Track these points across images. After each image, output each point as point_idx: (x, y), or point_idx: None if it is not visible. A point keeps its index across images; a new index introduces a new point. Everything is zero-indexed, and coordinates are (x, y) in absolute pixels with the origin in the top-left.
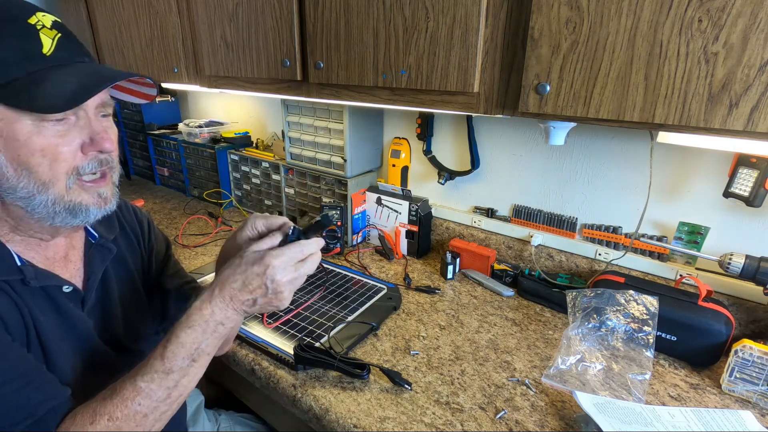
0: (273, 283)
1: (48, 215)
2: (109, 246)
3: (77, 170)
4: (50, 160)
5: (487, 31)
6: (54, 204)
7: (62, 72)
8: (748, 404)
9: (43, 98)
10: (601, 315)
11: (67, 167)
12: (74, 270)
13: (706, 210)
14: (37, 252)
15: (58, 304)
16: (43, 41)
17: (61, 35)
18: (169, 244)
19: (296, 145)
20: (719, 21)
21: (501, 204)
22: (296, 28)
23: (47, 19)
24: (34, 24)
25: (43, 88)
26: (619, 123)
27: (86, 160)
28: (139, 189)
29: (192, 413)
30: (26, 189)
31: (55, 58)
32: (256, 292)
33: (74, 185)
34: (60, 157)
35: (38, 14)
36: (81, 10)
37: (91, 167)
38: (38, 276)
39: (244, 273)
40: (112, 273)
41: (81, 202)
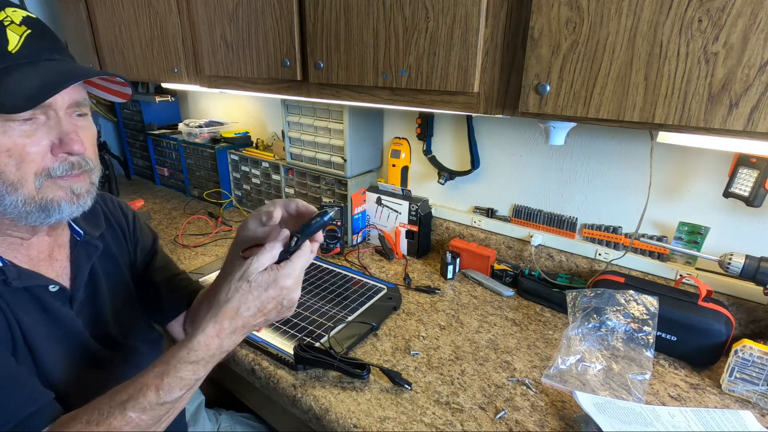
0: (289, 302)
1: (20, 215)
2: (95, 243)
3: (47, 171)
4: (17, 160)
5: (487, 31)
6: (24, 204)
7: (26, 70)
8: (748, 404)
9: (4, 97)
10: (601, 315)
11: (36, 168)
12: (60, 269)
13: (706, 210)
14: (19, 252)
15: (45, 303)
16: (9, 38)
17: (30, 32)
18: (156, 237)
19: (296, 145)
20: (719, 21)
21: (501, 204)
22: (296, 28)
23: (17, 15)
24: (1, 20)
25: (4, 86)
26: (619, 123)
27: (56, 161)
28: (139, 189)
29: (192, 413)
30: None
31: (21, 56)
32: (270, 314)
33: (44, 184)
34: (27, 158)
35: (7, 10)
36: (81, 10)
37: (62, 169)
38: (21, 276)
39: (258, 299)
40: (100, 269)
41: (52, 198)
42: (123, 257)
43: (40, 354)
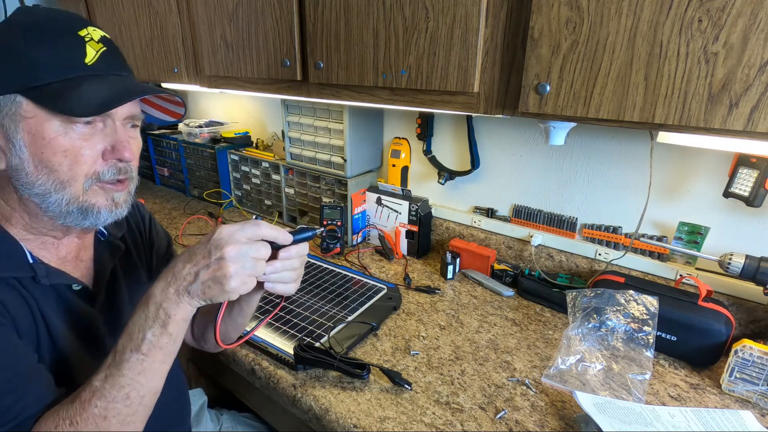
0: (217, 250)
1: (60, 214)
2: (118, 243)
3: (97, 175)
4: (71, 160)
5: (487, 31)
6: (68, 203)
7: (97, 81)
8: (748, 404)
9: (76, 102)
10: (601, 315)
11: (87, 170)
12: (84, 269)
13: (706, 210)
14: (49, 251)
15: (68, 301)
16: (87, 52)
17: (105, 49)
18: (171, 240)
19: (296, 145)
20: (719, 21)
21: (501, 204)
22: (296, 28)
23: (96, 34)
24: (83, 36)
25: (77, 93)
26: (619, 123)
27: (106, 166)
28: (139, 189)
29: (195, 413)
30: (43, 186)
31: (94, 68)
32: (199, 264)
33: (92, 187)
34: (80, 159)
35: (89, 28)
36: (81, 10)
37: (110, 174)
38: (49, 274)
39: (192, 248)
40: (121, 270)
41: (94, 204)
42: (141, 258)
43: (61, 350)
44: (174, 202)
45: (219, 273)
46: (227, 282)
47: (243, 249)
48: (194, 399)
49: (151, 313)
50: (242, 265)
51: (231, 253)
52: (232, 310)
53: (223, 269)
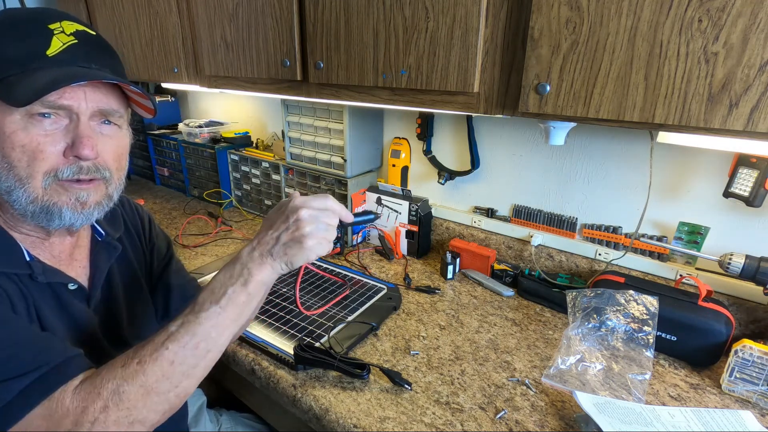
0: (293, 214)
1: (25, 213)
2: (115, 244)
3: (54, 172)
4: (29, 156)
5: (487, 31)
6: (30, 202)
7: (51, 70)
8: (748, 404)
9: (18, 90)
10: (601, 315)
11: (46, 167)
12: (80, 268)
13: (706, 210)
14: (43, 249)
15: (63, 301)
16: (52, 43)
17: (76, 42)
18: (170, 242)
19: (296, 145)
20: (719, 21)
21: (501, 204)
22: (296, 28)
23: (70, 27)
24: (53, 29)
25: (24, 82)
26: (619, 123)
27: (66, 164)
28: (139, 189)
29: (194, 414)
30: (6, 183)
31: (55, 60)
32: (279, 228)
33: (52, 185)
34: (39, 156)
35: (65, 22)
36: (81, 10)
37: (70, 172)
38: (45, 272)
39: (270, 217)
40: (117, 271)
41: (56, 203)
42: (139, 260)
43: None
44: (174, 202)
45: (297, 233)
46: (305, 240)
47: (315, 213)
48: (193, 399)
49: (236, 271)
50: (316, 226)
51: (305, 215)
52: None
53: (301, 229)
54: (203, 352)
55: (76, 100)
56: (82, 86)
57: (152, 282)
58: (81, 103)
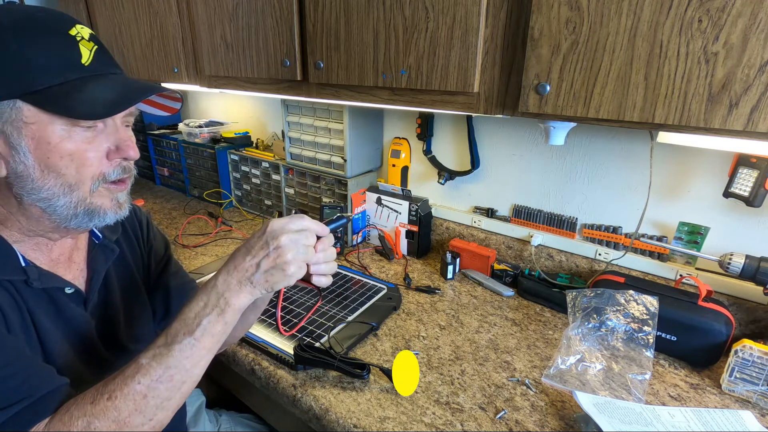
0: (273, 240)
1: (68, 217)
2: (112, 247)
3: (103, 176)
4: (78, 164)
5: (487, 31)
6: (77, 206)
7: (99, 82)
8: (748, 404)
9: (82, 105)
10: (601, 315)
11: (94, 172)
12: (77, 271)
13: (706, 210)
14: (42, 253)
15: (60, 305)
16: (82, 52)
17: (97, 47)
18: (168, 243)
19: (296, 145)
20: (719, 21)
21: (501, 204)
22: (296, 28)
23: (85, 32)
24: (74, 35)
25: (82, 96)
26: (619, 123)
27: (111, 166)
28: (139, 189)
29: (193, 414)
30: (51, 191)
31: (93, 69)
32: (258, 255)
33: (99, 189)
34: (87, 162)
35: (77, 26)
36: (81, 10)
37: (116, 173)
38: (41, 277)
39: (247, 243)
40: (114, 274)
41: (100, 205)
42: (136, 262)
43: (51, 354)
44: (174, 202)
45: (279, 260)
46: (288, 267)
47: (295, 236)
48: (191, 399)
49: (212, 300)
50: (297, 251)
51: (286, 242)
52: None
53: (282, 256)
54: (178, 384)
55: None
56: None
57: (150, 284)
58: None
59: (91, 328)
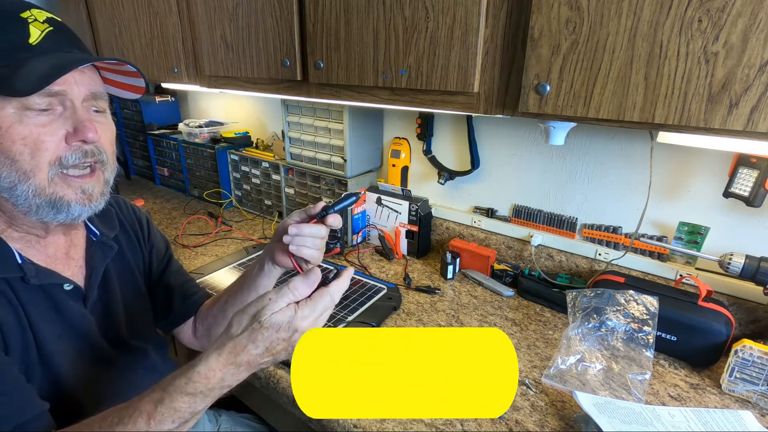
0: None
1: (30, 208)
2: (110, 243)
3: (59, 160)
4: (32, 148)
5: (487, 31)
6: (35, 195)
7: (42, 58)
8: (748, 404)
9: (18, 81)
10: (601, 315)
11: (50, 157)
12: (76, 268)
13: (706, 210)
14: (37, 250)
15: (58, 302)
16: (31, 32)
17: (52, 29)
18: (168, 243)
19: (296, 145)
20: (719, 21)
21: (501, 204)
22: (296, 28)
23: (41, 15)
24: (26, 17)
25: (21, 72)
26: (619, 123)
27: (69, 150)
28: (139, 189)
29: None
30: (9, 178)
31: (40, 48)
32: (279, 354)
33: (56, 177)
34: (42, 146)
35: (33, 11)
36: (81, 10)
37: (75, 158)
38: (39, 274)
39: (268, 339)
40: (113, 271)
41: (63, 197)
42: (136, 261)
43: (50, 354)
44: (174, 202)
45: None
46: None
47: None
48: None
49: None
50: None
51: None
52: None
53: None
54: None
55: (68, 86)
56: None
57: (151, 283)
58: (73, 88)
59: (91, 324)
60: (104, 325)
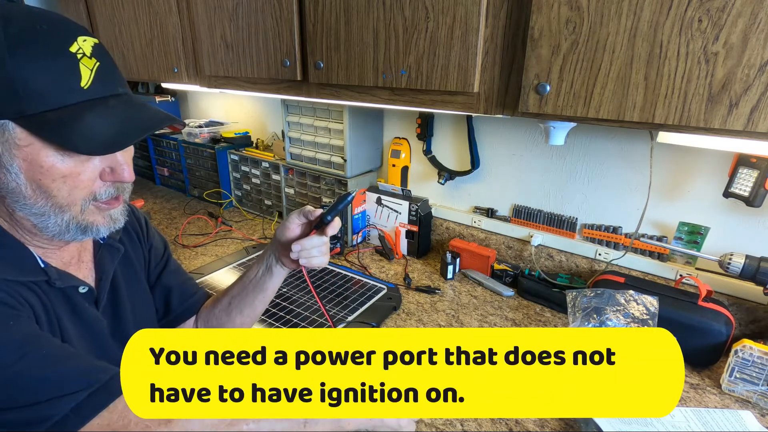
0: None
1: (60, 233)
2: (117, 246)
3: (94, 195)
4: (70, 186)
5: (487, 31)
6: (68, 225)
7: (98, 110)
8: (748, 404)
9: (78, 138)
10: (601, 315)
11: (86, 193)
12: (87, 271)
13: (706, 210)
14: (55, 255)
15: (75, 304)
16: (81, 73)
17: (99, 65)
18: (166, 242)
19: (296, 145)
20: (719, 21)
21: (501, 204)
22: (296, 28)
23: (87, 45)
24: (74, 52)
25: (79, 126)
26: (619, 123)
27: (104, 187)
28: (139, 189)
29: None
30: (43, 209)
31: (91, 92)
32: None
33: (89, 207)
34: (80, 185)
35: (80, 40)
36: (81, 10)
37: (107, 194)
38: (61, 277)
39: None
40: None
41: (93, 222)
42: (139, 261)
43: None
44: (174, 202)
45: None
46: None
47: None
48: None
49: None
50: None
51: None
52: (255, 299)
53: None
54: None
55: None
56: None
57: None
58: None
59: (103, 326)
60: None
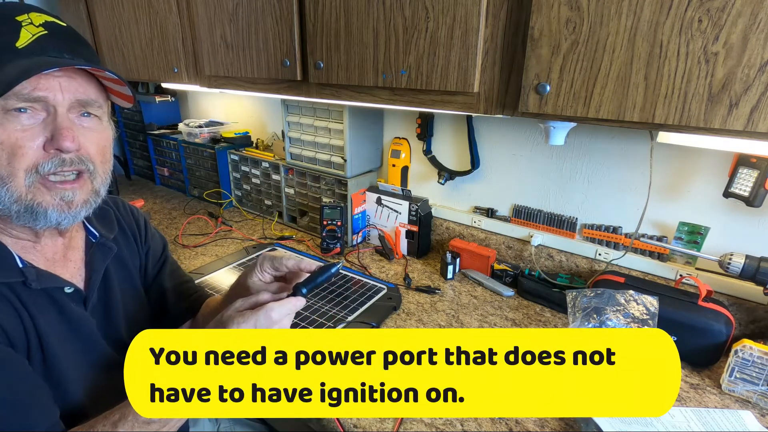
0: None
1: (10, 213)
2: (110, 245)
3: (36, 168)
4: (9, 153)
5: (487, 31)
6: (14, 202)
7: (22, 61)
8: (748, 404)
9: None
10: (601, 315)
11: (27, 163)
12: (75, 270)
13: (706, 210)
14: (35, 254)
15: (60, 305)
16: (21, 35)
17: (46, 32)
18: (166, 243)
19: (296, 145)
20: (719, 21)
21: (501, 204)
22: (296, 28)
23: (39, 19)
24: (21, 20)
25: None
26: (619, 123)
27: (47, 158)
28: (139, 189)
29: None
30: None
31: (25, 51)
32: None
33: (37, 184)
34: (19, 152)
35: (32, 14)
36: (81, 10)
37: (52, 165)
38: (39, 278)
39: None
40: (113, 272)
41: (40, 203)
42: (134, 262)
43: (54, 356)
44: (174, 202)
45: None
46: None
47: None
48: None
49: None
50: None
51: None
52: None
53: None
54: None
55: (52, 91)
56: (57, 77)
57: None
58: (57, 94)
59: (93, 326)
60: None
